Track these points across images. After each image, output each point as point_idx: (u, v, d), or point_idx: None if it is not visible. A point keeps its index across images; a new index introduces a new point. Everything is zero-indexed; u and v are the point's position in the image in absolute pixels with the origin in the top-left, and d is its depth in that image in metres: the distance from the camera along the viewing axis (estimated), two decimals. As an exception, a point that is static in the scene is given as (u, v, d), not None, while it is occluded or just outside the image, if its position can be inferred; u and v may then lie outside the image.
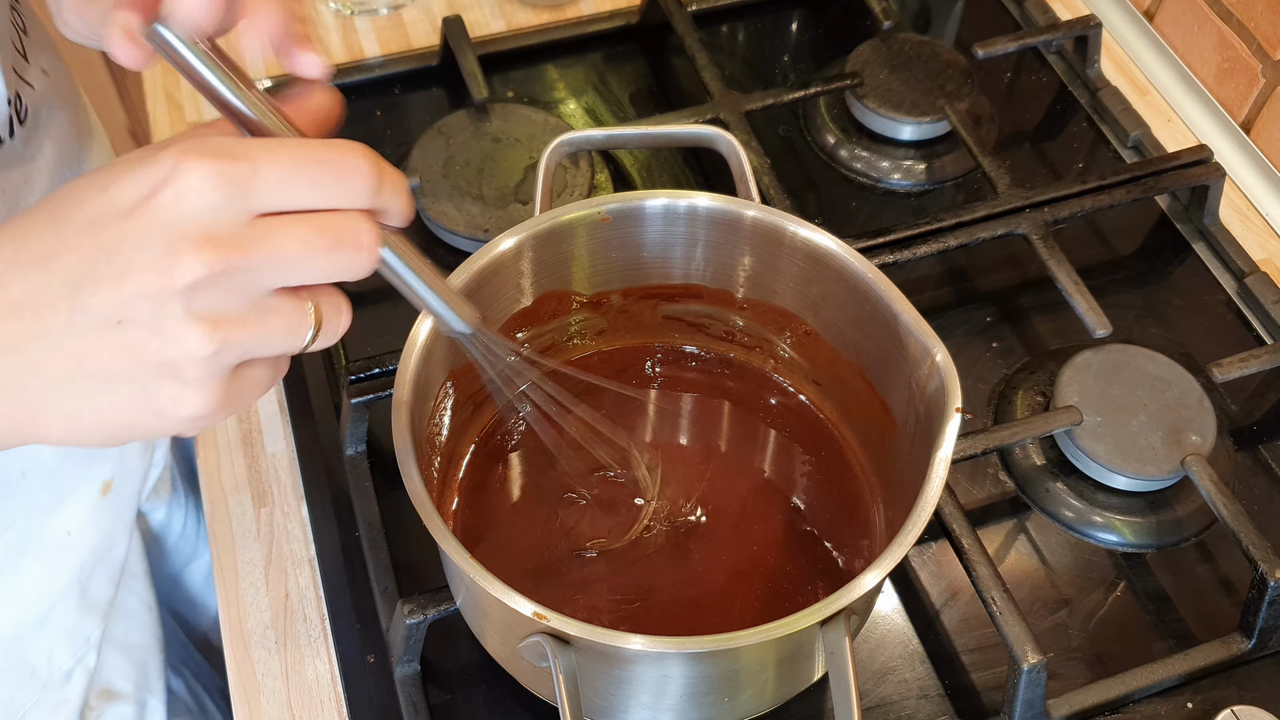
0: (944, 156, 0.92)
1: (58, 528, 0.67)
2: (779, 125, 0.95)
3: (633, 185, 0.91)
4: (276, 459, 0.76)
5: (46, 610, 0.68)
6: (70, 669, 0.71)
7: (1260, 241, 0.88)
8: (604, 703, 0.57)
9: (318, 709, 0.67)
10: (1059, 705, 0.65)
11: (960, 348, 0.81)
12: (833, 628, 0.52)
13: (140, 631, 0.78)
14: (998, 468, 0.76)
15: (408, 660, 0.66)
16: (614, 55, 1.00)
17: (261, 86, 0.46)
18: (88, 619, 0.71)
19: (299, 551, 0.73)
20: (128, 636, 0.77)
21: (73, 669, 0.71)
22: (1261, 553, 0.67)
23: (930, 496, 0.55)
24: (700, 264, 0.69)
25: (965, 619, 0.70)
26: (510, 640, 0.56)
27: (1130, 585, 0.71)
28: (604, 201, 0.66)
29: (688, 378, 0.73)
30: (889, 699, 0.67)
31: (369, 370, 0.74)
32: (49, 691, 0.70)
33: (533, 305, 0.68)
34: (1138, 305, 0.84)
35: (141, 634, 0.78)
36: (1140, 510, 0.73)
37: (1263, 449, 0.77)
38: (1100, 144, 0.93)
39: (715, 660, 0.54)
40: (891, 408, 0.65)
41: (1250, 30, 0.90)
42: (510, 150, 0.88)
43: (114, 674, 0.75)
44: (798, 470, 0.70)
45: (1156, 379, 0.75)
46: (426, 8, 1.01)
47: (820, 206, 0.90)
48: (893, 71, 0.93)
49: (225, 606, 0.71)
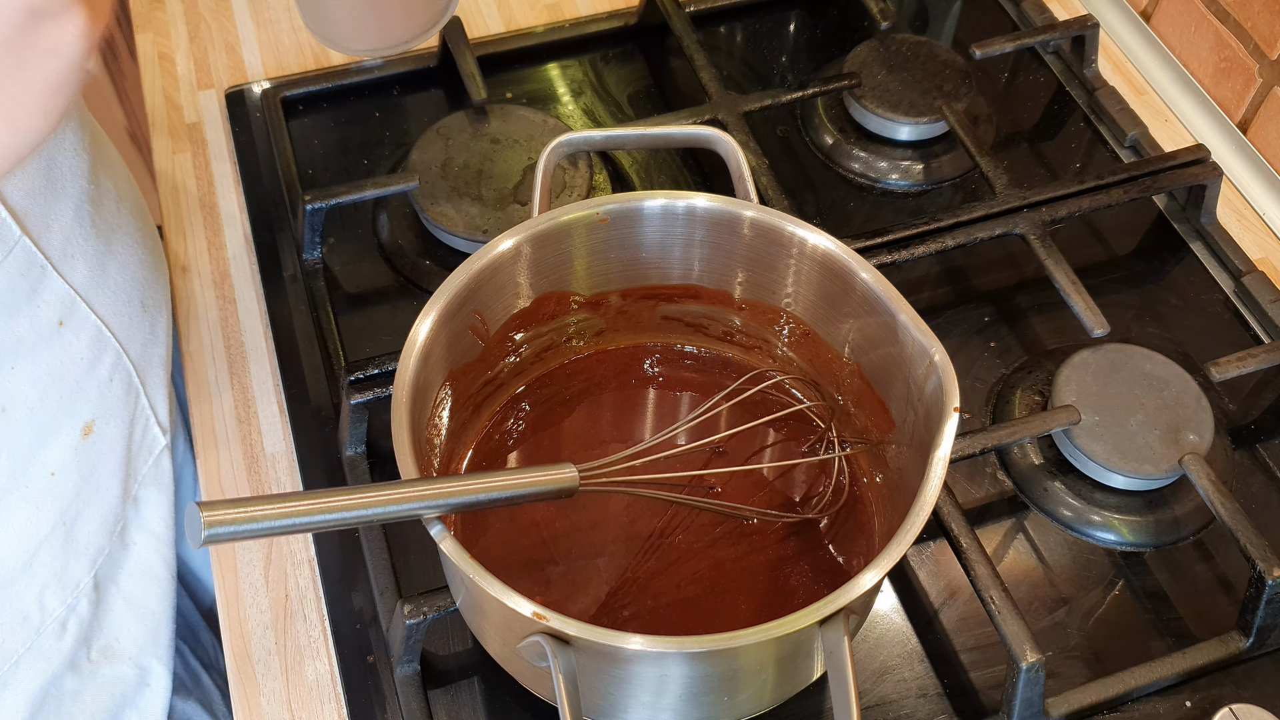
0: (942, 157, 0.92)
1: (41, 467, 0.67)
2: (777, 126, 0.95)
3: (631, 186, 0.91)
4: (276, 459, 0.76)
5: (33, 552, 0.68)
6: (64, 617, 0.71)
7: (1257, 241, 0.88)
8: (604, 703, 0.57)
9: (318, 709, 0.67)
10: (1057, 704, 0.65)
11: (958, 347, 0.82)
12: (832, 627, 0.53)
13: (160, 597, 0.78)
14: (996, 467, 0.76)
15: (408, 660, 0.66)
16: (612, 56, 1.00)
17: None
18: (75, 563, 0.71)
19: (299, 551, 0.73)
20: (146, 600, 0.77)
21: (66, 617, 0.71)
22: (1259, 551, 0.67)
23: (929, 496, 0.55)
24: (698, 264, 0.70)
25: (964, 618, 0.70)
26: (510, 640, 0.56)
27: (1128, 584, 0.71)
28: (602, 202, 0.66)
29: (686, 377, 0.73)
30: (888, 698, 0.67)
31: (368, 371, 0.74)
32: (43, 638, 0.70)
33: (531, 306, 0.68)
34: (1135, 305, 0.84)
35: (161, 600, 0.78)
36: (1138, 509, 0.73)
37: (1260, 448, 0.77)
38: (1097, 144, 0.93)
39: (715, 660, 0.54)
40: (890, 407, 0.65)
41: (1247, 30, 0.91)
42: (509, 151, 0.88)
43: (120, 633, 0.75)
44: (796, 470, 0.70)
45: (1154, 378, 0.76)
46: (425, 9, 1.01)
47: (818, 207, 0.90)
48: (890, 72, 0.93)
49: (225, 606, 0.71)
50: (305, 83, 0.94)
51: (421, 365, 0.60)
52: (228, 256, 0.86)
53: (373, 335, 0.81)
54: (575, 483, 0.59)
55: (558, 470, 0.59)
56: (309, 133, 0.93)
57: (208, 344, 0.82)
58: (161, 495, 0.77)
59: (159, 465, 0.77)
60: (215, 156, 0.92)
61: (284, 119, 0.91)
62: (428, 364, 0.61)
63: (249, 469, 0.76)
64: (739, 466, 0.69)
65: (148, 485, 0.76)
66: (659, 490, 0.66)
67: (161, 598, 0.78)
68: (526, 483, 0.58)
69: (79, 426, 0.69)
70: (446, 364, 0.64)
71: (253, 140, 0.92)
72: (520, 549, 0.66)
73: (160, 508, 0.77)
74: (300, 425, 0.78)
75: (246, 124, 0.93)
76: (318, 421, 0.78)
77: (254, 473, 0.76)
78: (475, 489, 0.55)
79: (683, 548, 0.66)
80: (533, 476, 0.58)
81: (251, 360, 0.81)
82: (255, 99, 0.94)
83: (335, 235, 0.86)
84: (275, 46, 0.99)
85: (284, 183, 0.88)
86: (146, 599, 0.77)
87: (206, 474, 0.76)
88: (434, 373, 0.63)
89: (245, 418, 0.78)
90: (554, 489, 0.58)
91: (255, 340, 0.82)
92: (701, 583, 0.65)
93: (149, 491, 0.76)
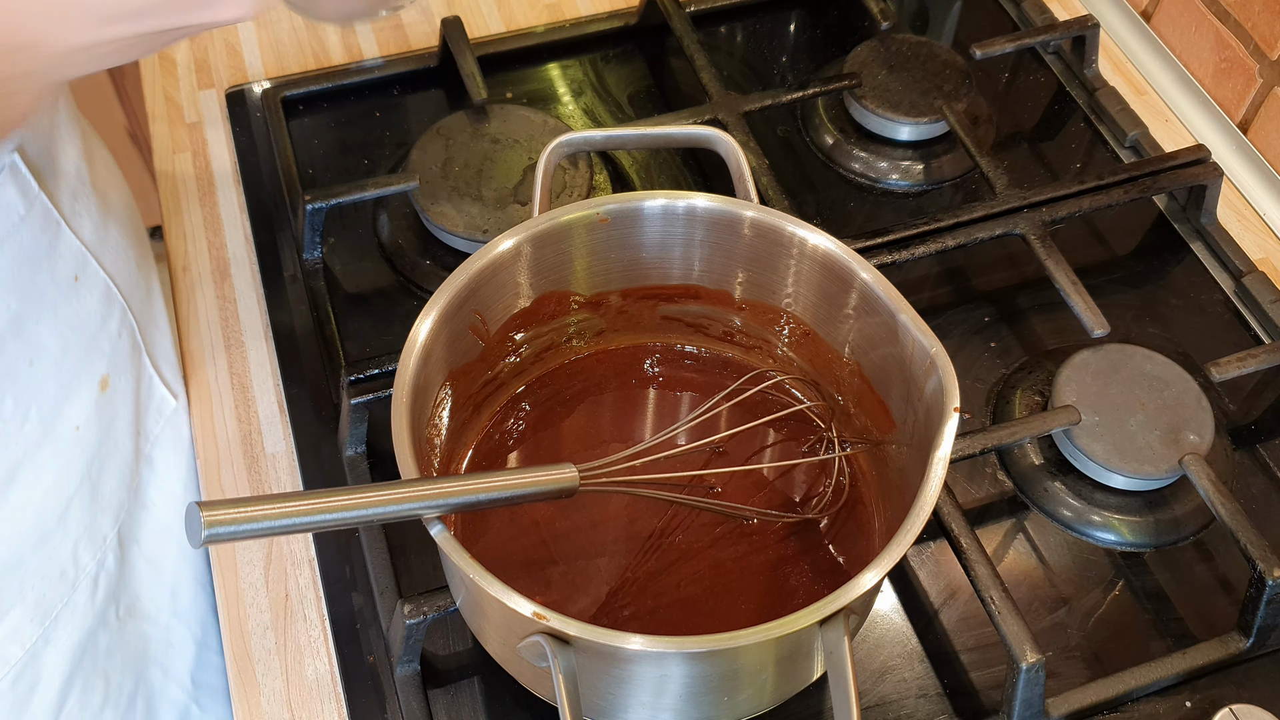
0: (942, 157, 0.92)
1: (67, 422, 0.69)
2: (777, 126, 0.95)
3: (631, 186, 0.91)
4: (276, 459, 0.76)
5: (65, 506, 0.69)
6: (94, 573, 0.72)
7: (1258, 241, 0.88)
8: (604, 703, 0.57)
9: (318, 709, 0.67)
10: (1058, 704, 0.65)
11: (958, 347, 0.81)
12: (832, 627, 0.53)
13: (178, 558, 0.79)
14: (996, 467, 0.76)
15: (408, 660, 0.66)
16: (613, 56, 1.00)
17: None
18: (102, 518, 0.72)
19: (299, 551, 0.73)
20: (164, 560, 0.78)
21: (96, 573, 0.72)
22: (1259, 551, 0.67)
23: (929, 496, 0.55)
24: (699, 264, 0.70)
25: (964, 618, 0.70)
26: (510, 640, 0.56)
27: (1129, 584, 0.71)
28: (603, 202, 0.66)
29: (686, 378, 0.73)
30: (888, 698, 0.67)
31: (369, 371, 0.74)
32: (78, 594, 0.71)
33: (532, 306, 0.68)
34: (1135, 305, 0.84)
35: (179, 560, 0.79)
36: (1138, 509, 0.73)
37: (1260, 448, 0.77)
38: (1098, 144, 0.93)
39: (715, 660, 0.54)
40: (890, 407, 0.65)
41: (1247, 30, 0.91)
42: (509, 151, 0.88)
43: (142, 591, 0.77)
44: (796, 470, 0.70)
45: (1154, 378, 0.76)
46: (425, 9, 1.01)
47: (819, 207, 0.90)
48: (891, 72, 0.93)
49: (225, 606, 0.71)
50: (305, 83, 0.94)
51: (421, 365, 0.60)
52: (228, 256, 0.86)
53: (373, 335, 0.81)
54: (575, 483, 0.59)
55: (558, 470, 0.59)
56: (309, 133, 0.93)
57: (208, 344, 0.82)
58: (179, 457, 0.79)
59: (173, 427, 0.78)
60: (215, 156, 0.92)
61: (284, 119, 0.91)
62: (428, 364, 0.61)
63: (249, 469, 0.76)
64: (739, 466, 0.69)
65: (163, 446, 0.78)
66: (659, 490, 0.66)
67: (179, 558, 0.79)
68: (526, 483, 0.58)
69: (96, 380, 0.71)
70: (447, 364, 0.64)
71: (253, 140, 0.92)
72: (520, 549, 0.66)
73: (178, 469, 0.79)
74: (300, 425, 0.78)
75: (247, 124, 0.93)
76: (318, 421, 0.78)
77: (254, 473, 0.76)
78: (475, 489, 0.55)
79: (683, 548, 0.66)
80: (533, 476, 0.58)
81: (252, 360, 0.81)
82: (255, 99, 0.94)
83: (335, 235, 0.86)
84: (275, 46, 0.99)
85: (284, 183, 0.88)
86: (164, 559, 0.78)
87: (206, 474, 0.76)
88: (434, 373, 0.63)
89: (245, 418, 0.78)
90: (554, 489, 0.59)
91: (255, 340, 0.82)
92: (701, 583, 0.65)
93: (164, 452, 0.78)
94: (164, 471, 0.78)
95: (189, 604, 0.80)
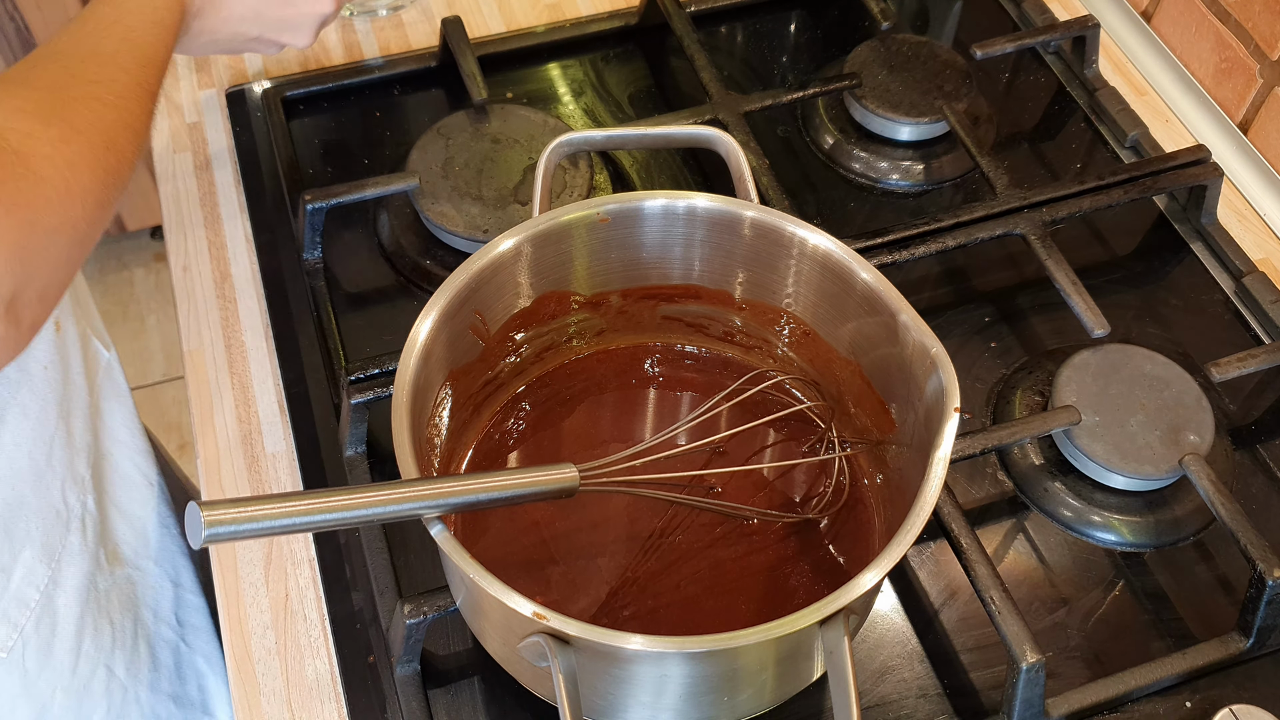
0: (942, 157, 0.92)
1: (35, 363, 0.70)
2: (778, 126, 0.95)
3: (632, 186, 0.91)
4: (276, 459, 0.76)
5: (49, 446, 0.71)
6: (80, 514, 0.74)
7: (1258, 241, 0.88)
8: (604, 702, 0.57)
9: (318, 709, 0.67)
10: (1058, 704, 0.65)
11: (958, 347, 0.81)
12: (832, 627, 0.53)
13: (142, 503, 0.82)
14: (996, 467, 0.76)
15: (408, 660, 0.66)
16: (613, 56, 1.00)
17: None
18: (77, 459, 0.74)
19: (299, 551, 0.73)
20: (131, 506, 0.81)
21: (82, 514, 0.74)
22: (1259, 552, 0.67)
23: (929, 496, 0.55)
24: (699, 264, 0.70)
25: (964, 618, 0.70)
26: (510, 640, 0.56)
27: (1129, 584, 0.71)
28: (603, 202, 0.66)
29: (686, 378, 0.73)
30: (888, 698, 0.67)
31: (369, 371, 0.74)
32: (73, 535, 0.73)
33: (532, 306, 0.68)
34: (1136, 305, 0.84)
35: (143, 505, 0.82)
36: (1138, 510, 0.73)
37: (1261, 448, 0.77)
38: (1098, 144, 0.93)
39: (715, 660, 0.54)
40: (890, 407, 0.65)
41: (1248, 30, 0.91)
42: (509, 151, 0.88)
43: (118, 538, 0.79)
44: (796, 470, 0.70)
45: (1154, 379, 0.76)
46: (426, 9, 1.02)
47: (819, 207, 0.90)
48: (891, 72, 0.93)
49: (225, 606, 0.71)
50: (305, 82, 0.94)
51: (422, 365, 0.60)
52: (228, 256, 0.86)
53: (373, 335, 0.81)
54: (575, 483, 0.59)
55: (558, 470, 0.59)
56: (309, 133, 0.93)
57: (208, 344, 0.82)
58: (121, 407, 0.81)
59: (110, 379, 0.80)
60: (215, 156, 0.92)
61: (284, 119, 0.91)
62: (428, 364, 0.61)
63: (249, 469, 0.76)
64: (739, 466, 0.69)
65: (108, 397, 0.80)
66: (659, 490, 0.66)
67: (144, 503, 0.82)
68: (526, 483, 0.58)
69: (52, 323, 0.72)
70: (447, 364, 0.64)
71: (253, 140, 0.92)
72: (520, 549, 0.66)
73: (123, 418, 0.81)
74: (300, 425, 0.78)
75: (247, 124, 0.93)
76: (318, 421, 0.78)
77: (254, 473, 0.76)
78: (475, 489, 0.55)
79: (683, 548, 0.66)
80: (533, 476, 0.58)
81: (251, 360, 0.81)
82: (256, 99, 0.94)
83: (335, 235, 0.86)
84: (276, 46, 0.99)
85: (284, 182, 0.88)
86: (131, 504, 0.81)
87: (207, 474, 0.76)
88: (434, 373, 0.63)
89: (245, 418, 0.78)
90: (554, 489, 0.59)
91: (255, 340, 0.82)
92: (701, 583, 0.65)
93: (110, 404, 0.80)
94: (111, 421, 0.80)
95: (158, 547, 0.83)
